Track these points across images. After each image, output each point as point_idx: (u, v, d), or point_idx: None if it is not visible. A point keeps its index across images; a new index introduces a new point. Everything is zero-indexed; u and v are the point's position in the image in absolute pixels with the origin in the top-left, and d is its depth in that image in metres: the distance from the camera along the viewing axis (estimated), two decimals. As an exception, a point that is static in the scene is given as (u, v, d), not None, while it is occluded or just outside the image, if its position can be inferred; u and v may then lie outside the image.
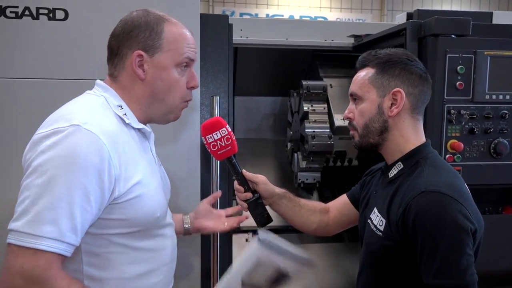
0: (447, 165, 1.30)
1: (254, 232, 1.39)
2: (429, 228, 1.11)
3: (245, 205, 1.48)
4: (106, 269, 1.11)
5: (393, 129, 1.28)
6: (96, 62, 1.66)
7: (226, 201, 1.86)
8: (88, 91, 1.22)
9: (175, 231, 1.38)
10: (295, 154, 2.58)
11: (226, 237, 1.87)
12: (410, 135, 1.29)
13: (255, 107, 2.97)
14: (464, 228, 1.10)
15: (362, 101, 1.31)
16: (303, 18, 10.84)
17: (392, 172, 1.30)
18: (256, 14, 11.07)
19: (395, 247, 1.19)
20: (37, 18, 1.62)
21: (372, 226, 1.28)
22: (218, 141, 1.38)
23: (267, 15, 11.12)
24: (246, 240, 2.58)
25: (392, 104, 1.27)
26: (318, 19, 10.95)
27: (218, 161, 1.74)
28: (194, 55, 1.23)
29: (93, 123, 1.06)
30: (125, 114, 1.17)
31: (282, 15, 11.10)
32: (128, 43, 1.17)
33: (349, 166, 2.59)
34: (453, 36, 1.81)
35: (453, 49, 1.79)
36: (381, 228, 1.23)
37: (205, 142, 1.40)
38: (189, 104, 1.29)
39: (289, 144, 2.74)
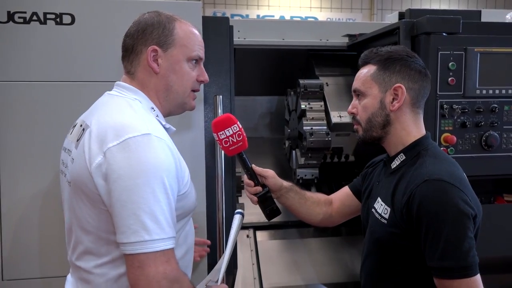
0: (446, 155, 1.37)
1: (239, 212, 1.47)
2: (433, 214, 1.17)
3: (255, 198, 1.53)
4: None
5: (395, 123, 1.35)
6: (102, 65, 1.72)
7: (230, 195, 1.92)
8: (109, 92, 1.28)
9: None
10: (293, 151, 2.65)
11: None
12: (411, 128, 1.36)
13: (252, 106, 3.04)
14: (465, 213, 1.17)
15: (365, 96, 1.37)
16: (294, 19, 10.92)
17: (395, 163, 1.37)
18: (247, 15, 11.10)
19: (399, 233, 1.26)
20: (44, 23, 1.67)
21: (377, 215, 1.35)
22: (230, 137, 1.42)
23: (258, 16, 11.16)
24: (247, 236, 2.65)
25: (393, 99, 1.33)
26: (309, 19, 11.02)
27: (223, 157, 1.79)
28: (202, 54, 1.33)
29: (157, 130, 1.16)
30: (157, 115, 1.27)
31: (273, 16, 11.15)
32: (143, 40, 1.25)
33: (346, 162, 2.66)
34: (444, 34, 1.88)
35: (444, 46, 1.87)
36: (386, 216, 1.30)
37: (217, 139, 1.44)
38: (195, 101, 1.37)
39: (287, 142, 2.80)
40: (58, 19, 1.68)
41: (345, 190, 1.68)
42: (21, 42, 1.67)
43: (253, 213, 2.59)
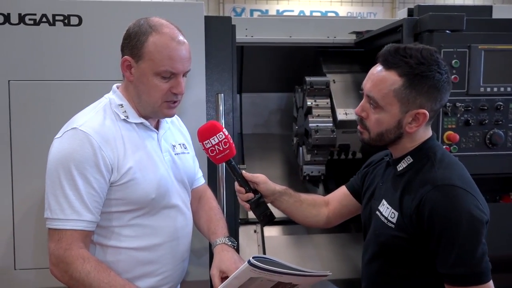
0: (454, 157, 1.32)
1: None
2: (445, 220, 1.14)
3: (248, 205, 1.48)
4: (110, 239, 1.35)
5: (406, 137, 1.29)
6: (108, 64, 1.78)
7: (232, 200, 1.93)
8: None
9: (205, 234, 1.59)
10: (300, 148, 2.67)
11: (233, 228, 1.96)
12: (420, 135, 1.30)
13: (262, 103, 3.06)
14: (478, 219, 1.15)
15: (381, 110, 1.26)
16: (314, 13, 10.85)
17: (401, 166, 1.31)
18: (267, 10, 11.09)
19: (407, 238, 1.23)
20: (53, 24, 1.74)
21: (383, 218, 1.30)
22: (216, 146, 1.38)
23: (278, 11, 11.12)
24: (255, 231, 2.69)
25: (412, 120, 1.25)
26: (329, 13, 10.92)
27: None
28: (177, 69, 1.31)
29: (88, 124, 1.29)
30: (125, 111, 1.37)
31: (293, 10, 11.10)
32: (123, 49, 1.36)
33: (353, 158, 2.67)
34: (447, 31, 1.87)
35: (447, 44, 1.86)
36: (393, 220, 1.26)
37: (203, 148, 1.41)
38: (179, 102, 1.40)
39: (294, 139, 2.82)
40: (66, 21, 1.74)
41: (342, 190, 1.62)
42: (31, 43, 1.74)
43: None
